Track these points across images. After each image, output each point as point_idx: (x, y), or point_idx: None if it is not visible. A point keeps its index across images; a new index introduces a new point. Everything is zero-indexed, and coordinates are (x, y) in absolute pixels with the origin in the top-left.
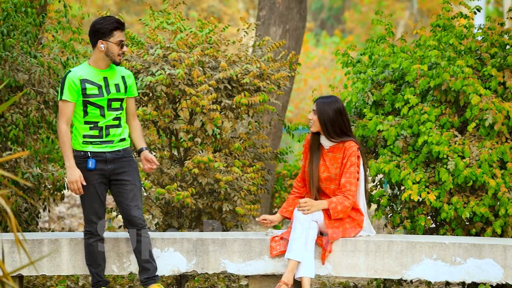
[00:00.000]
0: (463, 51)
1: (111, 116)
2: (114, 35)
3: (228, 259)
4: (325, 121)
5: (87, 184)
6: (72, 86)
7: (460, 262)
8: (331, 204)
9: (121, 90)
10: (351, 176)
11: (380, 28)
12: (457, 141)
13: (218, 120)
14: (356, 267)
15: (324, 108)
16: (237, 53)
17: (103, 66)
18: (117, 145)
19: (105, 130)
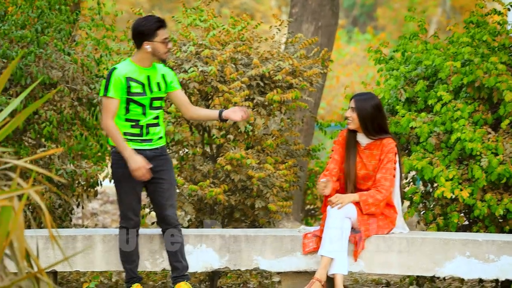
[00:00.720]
0: (496, 47)
1: (151, 115)
2: (158, 35)
3: (261, 256)
4: (365, 118)
5: (127, 180)
6: (117, 83)
7: (494, 259)
8: (362, 196)
9: (162, 89)
10: (387, 172)
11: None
12: (491, 138)
13: (250, 117)
14: (389, 264)
15: (363, 105)
16: (270, 50)
17: (147, 64)
18: (156, 143)
19: (145, 128)
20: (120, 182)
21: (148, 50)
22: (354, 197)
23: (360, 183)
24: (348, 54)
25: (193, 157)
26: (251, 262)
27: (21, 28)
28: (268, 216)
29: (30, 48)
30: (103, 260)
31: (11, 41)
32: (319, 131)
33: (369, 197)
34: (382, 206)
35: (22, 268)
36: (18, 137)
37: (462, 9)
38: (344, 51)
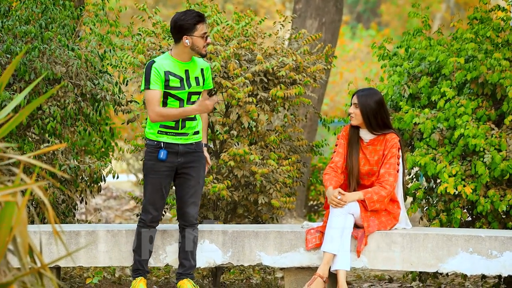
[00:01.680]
0: (500, 44)
1: None
2: (198, 29)
3: (264, 252)
4: (368, 114)
5: (154, 174)
6: (157, 76)
7: (497, 255)
8: (367, 194)
9: (200, 83)
10: (390, 167)
11: (416, 21)
12: (494, 134)
13: (254, 113)
14: (392, 260)
15: (366, 100)
16: (273, 46)
17: (186, 59)
18: (191, 138)
19: (181, 122)
20: (148, 175)
21: (187, 44)
22: (358, 196)
23: (363, 178)
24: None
25: None
26: (254, 258)
27: (25, 23)
28: (271, 212)
29: (34, 43)
30: (106, 256)
31: (15, 36)
32: (323, 127)
33: (373, 194)
34: (386, 202)
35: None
36: (21, 132)
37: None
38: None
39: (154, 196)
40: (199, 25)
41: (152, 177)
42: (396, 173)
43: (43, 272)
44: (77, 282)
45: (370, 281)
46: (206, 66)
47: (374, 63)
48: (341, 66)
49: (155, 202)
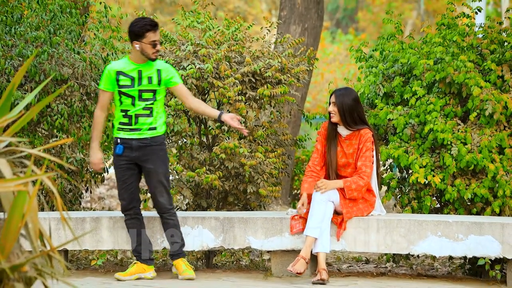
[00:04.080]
0: (465, 47)
1: (140, 105)
2: (147, 37)
3: (252, 236)
4: (345, 111)
5: (116, 167)
6: (108, 77)
7: (462, 238)
8: (346, 183)
9: (153, 82)
10: (366, 159)
11: (390, 27)
12: (460, 129)
13: (243, 110)
14: (368, 243)
15: (344, 99)
16: (261, 49)
17: (139, 61)
18: (145, 133)
19: (134, 118)
20: (114, 168)
21: (137, 48)
22: (339, 184)
23: (341, 170)
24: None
25: (190, 146)
26: (244, 242)
27: (35, 29)
28: (259, 200)
29: (43, 47)
30: (109, 240)
31: (27, 41)
32: (305, 122)
33: (352, 183)
34: (364, 191)
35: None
36: (32, 128)
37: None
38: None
39: (119, 187)
40: (149, 33)
41: (116, 170)
42: (371, 164)
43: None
44: (83, 264)
45: (348, 262)
46: (164, 67)
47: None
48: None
49: (121, 193)
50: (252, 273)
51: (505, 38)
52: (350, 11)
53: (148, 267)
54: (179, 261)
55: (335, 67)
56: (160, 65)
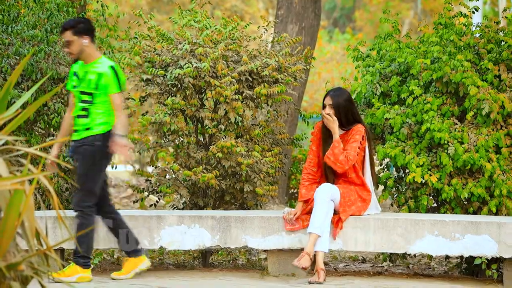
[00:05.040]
0: (462, 46)
1: (80, 107)
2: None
3: (249, 235)
4: (340, 112)
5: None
6: (69, 77)
7: (459, 237)
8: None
9: (91, 85)
10: (351, 149)
11: (387, 26)
12: (457, 128)
13: (240, 109)
14: (365, 242)
15: (338, 100)
16: (258, 48)
17: (85, 61)
18: (81, 134)
19: (76, 119)
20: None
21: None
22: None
23: None
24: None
25: (187, 145)
26: (240, 241)
27: (32, 28)
28: (255, 199)
29: (40, 46)
30: (105, 239)
31: (23, 40)
32: (302, 122)
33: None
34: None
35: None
36: (29, 127)
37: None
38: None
39: None
40: (62, 34)
41: None
42: (355, 155)
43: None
44: None
45: (345, 262)
46: (104, 71)
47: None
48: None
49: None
50: (249, 272)
51: (502, 37)
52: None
53: (138, 259)
54: (70, 266)
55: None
56: (103, 69)
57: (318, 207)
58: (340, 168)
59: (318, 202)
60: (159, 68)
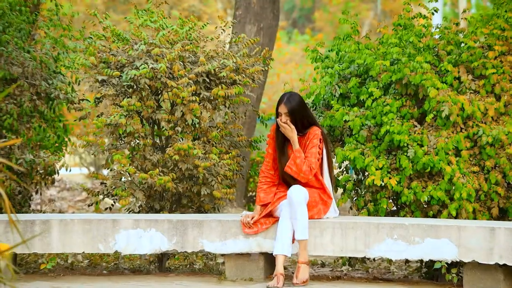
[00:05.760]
0: (422, 48)
1: None
2: None
3: (206, 239)
4: (296, 119)
5: None
6: None
7: (419, 241)
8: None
9: None
10: (312, 156)
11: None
12: (417, 130)
13: (197, 110)
14: (324, 246)
15: (292, 106)
16: (215, 49)
17: None
18: None
19: None
20: None
21: None
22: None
23: None
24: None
25: (143, 147)
26: (197, 245)
27: None
28: (213, 202)
29: None
30: (59, 243)
31: None
32: (261, 123)
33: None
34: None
35: None
36: None
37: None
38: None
39: None
40: None
41: None
42: (316, 161)
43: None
44: (32, 268)
45: None
46: None
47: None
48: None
49: None
50: (205, 277)
51: (461, 39)
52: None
53: None
54: None
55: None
56: None
57: (283, 227)
58: (304, 178)
59: (282, 222)
60: (115, 69)
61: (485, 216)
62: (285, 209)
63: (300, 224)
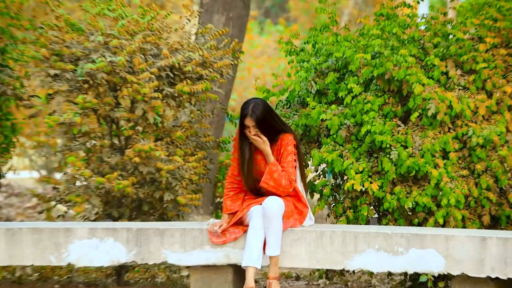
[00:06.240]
0: (406, 40)
1: None
2: None
3: (169, 250)
4: (265, 128)
5: None
6: None
7: (403, 252)
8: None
9: None
10: (288, 165)
11: (324, 17)
12: (400, 130)
13: (159, 108)
14: (298, 257)
15: (258, 116)
16: (180, 40)
17: None
18: None
19: None
20: None
21: None
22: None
23: None
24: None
25: (100, 149)
26: (159, 256)
27: None
28: (177, 209)
29: None
30: (5, 254)
31: None
32: (230, 123)
33: (280, 177)
34: (282, 192)
35: None
36: None
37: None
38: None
39: None
40: None
41: None
42: (294, 170)
43: None
44: None
45: None
46: None
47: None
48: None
49: None
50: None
51: (450, 30)
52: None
53: None
54: None
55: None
56: None
57: (252, 237)
58: (284, 192)
59: (252, 232)
60: (69, 62)
61: (475, 224)
62: (255, 216)
63: (274, 239)
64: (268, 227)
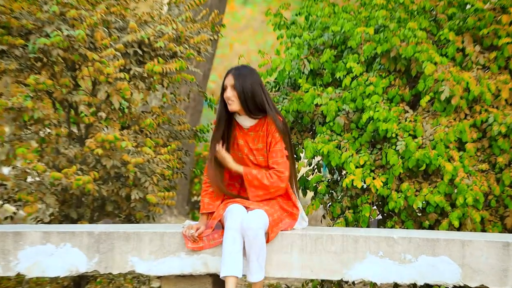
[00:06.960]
0: (415, 11)
1: None
2: None
3: (137, 257)
4: (246, 98)
5: None
6: None
7: (411, 260)
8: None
9: None
10: (277, 155)
11: None
12: (408, 117)
13: (126, 91)
14: (289, 265)
15: (243, 82)
16: (149, 11)
17: None
18: None
19: None
20: None
21: None
22: (237, 168)
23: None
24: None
25: (56, 138)
26: (126, 265)
27: None
28: (146, 210)
29: None
30: None
31: None
32: (209, 108)
33: (254, 179)
34: (273, 194)
35: None
36: None
37: None
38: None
39: None
40: None
41: None
42: (286, 161)
43: None
44: None
45: None
46: None
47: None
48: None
49: None
50: None
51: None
52: None
53: None
54: None
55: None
56: None
57: (229, 241)
58: (277, 191)
59: (229, 236)
60: (18, 36)
61: (496, 227)
62: (231, 217)
63: (256, 264)
64: (249, 249)
